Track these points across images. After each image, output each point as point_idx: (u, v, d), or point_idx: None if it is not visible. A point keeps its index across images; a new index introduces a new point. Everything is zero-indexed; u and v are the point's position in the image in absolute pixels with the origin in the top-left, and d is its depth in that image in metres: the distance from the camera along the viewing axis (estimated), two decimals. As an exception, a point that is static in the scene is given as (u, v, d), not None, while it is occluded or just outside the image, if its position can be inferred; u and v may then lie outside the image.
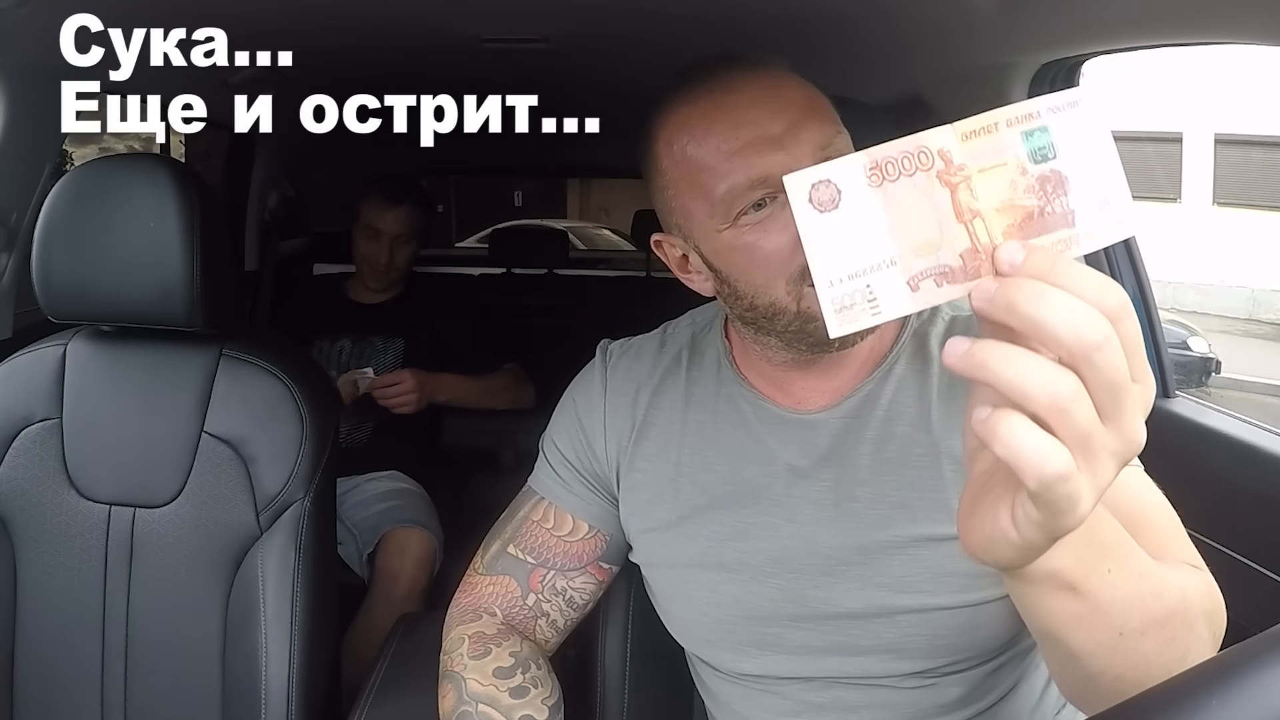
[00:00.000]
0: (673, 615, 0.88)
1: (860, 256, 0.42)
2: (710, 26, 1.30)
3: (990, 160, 0.42)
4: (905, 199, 0.42)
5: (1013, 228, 0.42)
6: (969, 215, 0.42)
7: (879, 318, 0.42)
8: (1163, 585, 0.57)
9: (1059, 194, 0.43)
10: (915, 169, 0.42)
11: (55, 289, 1.11)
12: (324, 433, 1.16)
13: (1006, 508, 0.44)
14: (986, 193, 0.42)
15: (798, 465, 0.81)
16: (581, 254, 4.95)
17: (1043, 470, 0.39)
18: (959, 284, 0.42)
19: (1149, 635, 0.55)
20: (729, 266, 0.76)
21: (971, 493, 0.47)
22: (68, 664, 1.14)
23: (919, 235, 0.42)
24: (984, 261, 0.42)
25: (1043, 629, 0.54)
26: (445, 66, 1.45)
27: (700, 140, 0.73)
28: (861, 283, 0.42)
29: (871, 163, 0.42)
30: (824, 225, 0.42)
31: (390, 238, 2.00)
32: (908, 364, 0.81)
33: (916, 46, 1.37)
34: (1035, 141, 0.43)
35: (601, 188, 12.62)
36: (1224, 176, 10.66)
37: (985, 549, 0.46)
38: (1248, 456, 1.13)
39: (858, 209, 0.42)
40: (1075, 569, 0.50)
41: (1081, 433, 0.40)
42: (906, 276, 0.42)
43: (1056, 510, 0.41)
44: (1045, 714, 0.85)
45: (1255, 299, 10.26)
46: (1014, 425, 0.39)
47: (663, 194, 0.79)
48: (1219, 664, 0.42)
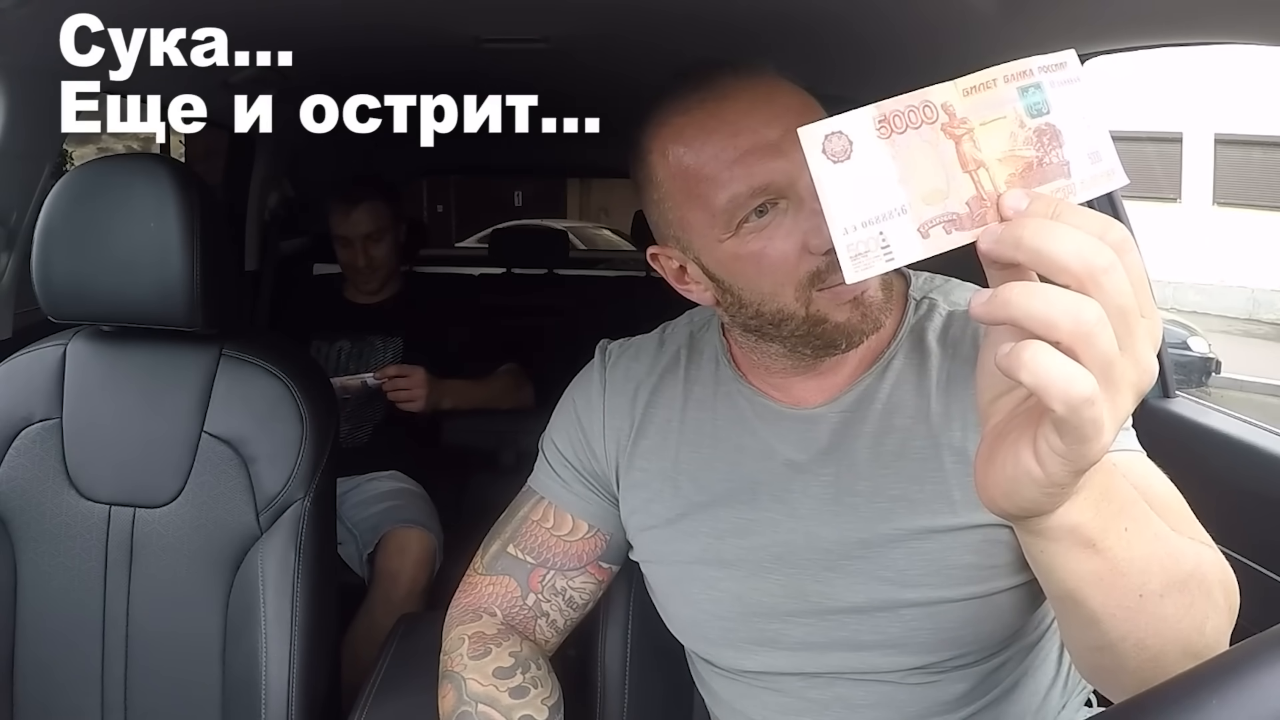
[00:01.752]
0: (673, 613, 0.88)
1: (873, 204, 0.43)
2: (709, 26, 1.30)
3: (990, 114, 0.44)
4: (913, 150, 0.43)
5: (1014, 177, 0.44)
6: (973, 165, 0.44)
7: (892, 263, 0.43)
8: (1178, 549, 0.57)
9: (1055, 146, 0.45)
10: (921, 122, 0.44)
11: (55, 289, 1.11)
12: (324, 433, 1.16)
13: (1028, 444, 0.45)
14: (988, 144, 0.44)
15: (797, 460, 0.81)
16: (581, 254, 4.96)
17: (1069, 392, 0.40)
18: (966, 230, 0.44)
19: (1168, 598, 0.55)
20: (732, 276, 0.75)
21: (987, 444, 0.47)
22: (68, 664, 1.14)
23: (927, 184, 0.43)
24: (989, 209, 0.44)
25: (1064, 590, 0.54)
26: (445, 66, 1.45)
27: (697, 150, 0.73)
28: (875, 229, 0.43)
29: (880, 115, 0.44)
30: (837, 175, 0.43)
31: (359, 239, 2.00)
32: (905, 359, 0.81)
33: (916, 46, 1.37)
34: (1030, 98, 0.45)
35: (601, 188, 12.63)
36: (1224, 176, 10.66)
37: (1007, 493, 0.46)
38: (1248, 456, 1.13)
39: (869, 159, 0.43)
40: (1093, 524, 0.50)
41: (1104, 358, 0.41)
42: (917, 224, 0.43)
43: (1082, 436, 0.42)
44: (1049, 712, 0.85)
45: (1255, 299, 10.26)
46: (1039, 351, 0.40)
47: (658, 206, 0.78)
48: (1219, 664, 0.42)
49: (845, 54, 1.42)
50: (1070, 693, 0.88)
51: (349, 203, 2.00)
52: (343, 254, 2.03)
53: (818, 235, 0.70)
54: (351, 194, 2.02)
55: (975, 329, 0.80)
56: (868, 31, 1.39)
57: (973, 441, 0.76)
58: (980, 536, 0.75)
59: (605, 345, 0.95)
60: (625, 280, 3.29)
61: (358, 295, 2.08)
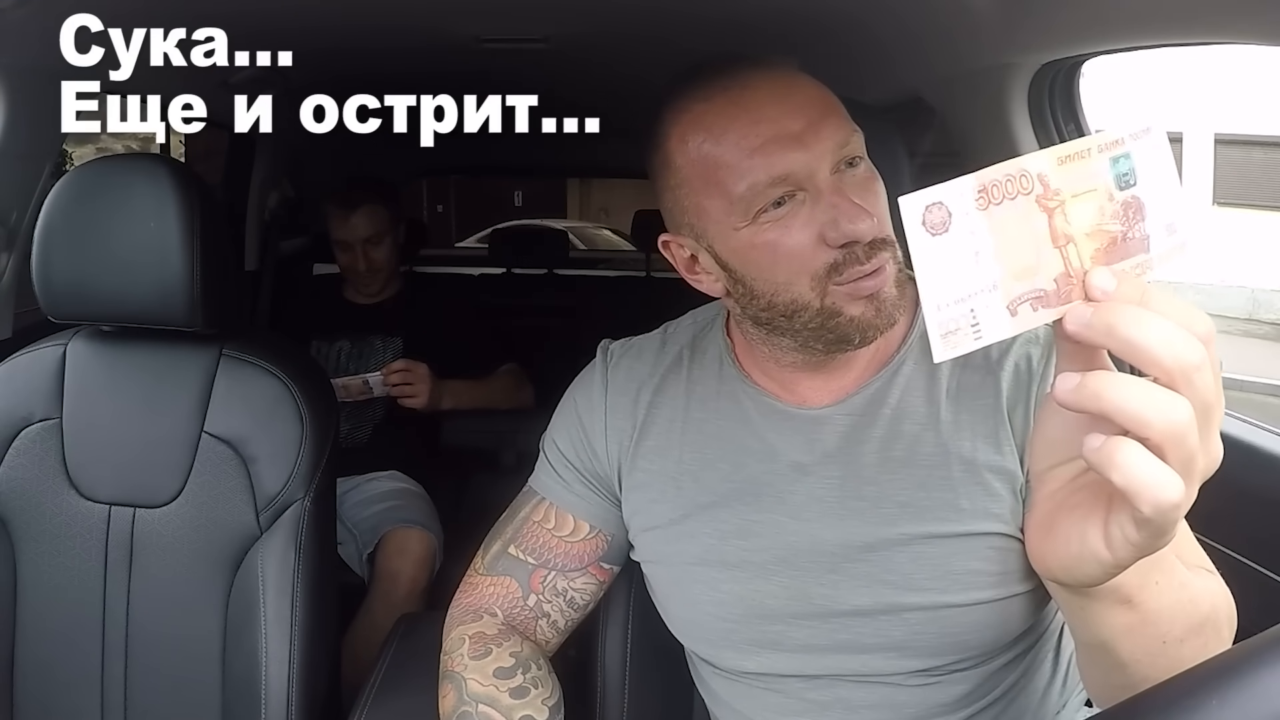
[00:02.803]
0: (674, 614, 0.88)
1: (967, 281, 0.42)
2: (709, 26, 1.30)
3: (1083, 186, 0.43)
4: (1008, 223, 0.42)
5: (1099, 253, 0.43)
6: (1063, 240, 0.43)
7: (980, 342, 0.42)
8: (1198, 593, 0.59)
9: (1138, 219, 0.44)
10: (1017, 193, 0.43)
11: (55, 289, 1.11)
12: (324, 433, 1.16)
13: (1097, 528, 0.44)
14: (1078, 218, 0.43)
15: (802, 461, 0.81)
16: (581, 254, 4.96)
17: (1159, 498, 0.40)
18: (1052, 308, 0.43)
19: (1187, 642, 0.57)
20: (747, 265, 0.75)
21: (1044, 513, 0.47)
22: (68, 664, 1.14)
23: (1020, 260, 0.42)
24: (1075, 286, 0.43)
25: (1097, 641, 0.56)
26: (445, 66, 1.45)
27: (718, 138, 0.73)
28: (966, 307, 0.42)
29: (980, 185, 0.42)
30: (935, 248, 0.42)
31: (359, 243, 1.99)
32: (916, 364, 0.81)
33: (916, 46, 1.37)
34: (1120, 167, 0.44)
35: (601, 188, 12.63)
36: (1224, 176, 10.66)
37: (1067, 569, 0.47)
38: (1248, 456, 1.12)
39: (966, 233, 0.42)
40: (1133, 582, 0.52)
41: (1189, 457, 0.41)
42: (1006, 300, 0.42)
43: (1160, 534, 0.42)
44: (1048, 712, 0.85)
45: (1255, 299, 10.25)
46: (1132, 453, 0.40)
47: (673, 193, 0.78)
48: (1219, 664, 0.42)
49: (845, 54, 1.41)
50: (1070, 693, 0.88)
51: (347, 207, 1.99)
52: (342, 258, 2.03)
53: (834, 228, 0.70)
54: (349, 198, 2.00)
55: None
56: (868, 31, 1.39)
57: (982, 452, 0.76)
58: (986, 544, 0.75)
59: (607, 345, 0.95)
60: (625, 280, 3.29)
61: (358, 295, 2.08)
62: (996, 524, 0.75)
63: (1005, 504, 0.75)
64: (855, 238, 0.71)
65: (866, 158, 0.75)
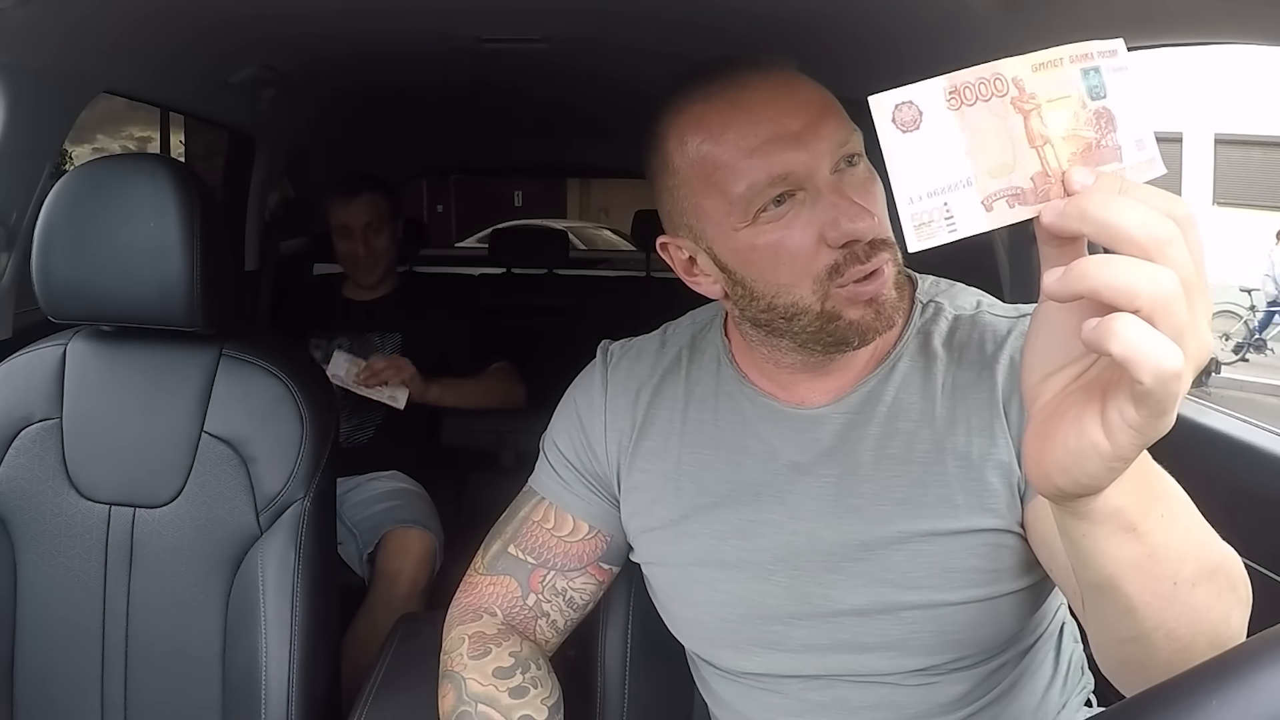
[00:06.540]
0: (675, 614, 0.88)
1: (939, 175, 0.43)
2: (709, 27, 1.30)
3: (1056, 92, 0.44)
4: (981, 122, 0.43)
5: (1075, 156, 0.44)
6: (1040, 141, 0.44)
7: (955, 234, 0.43)
8: (1209, 538, 0.58)
9: (1110, 129, 0.45)
10: (991, 94, 0.44)
11: (55, 289, 1.11)
12: (324, 433, 1.16)
13: (1094, 419, 0.44)
14: (1054, 121, 0.44)
15: (799, 461, 0.81)
16: (581, 254, 4.96)
17: (1160, 365, 0.40)
18: (1029, 205, 0.44)
19: (1199, 587, 0.55)
20: (746, 266, 0.75)
21: (1040, 422, 0.47)
22: (68, 664, 1.14)
23: (994, 157, 0.43)
24: (1053, 185, 0.44)
25: (1102, 577, 0.54)
26: (445, 66, 1.45)
27: (717, 138, 0.73)
28: (939, 200, 0.43)
29: (951, 86, 0.43)
30: (905, 144, 0.43)
31: (360, 229, 2.01)
32: (911, 361, 0.81)
33: (916, 47, 1.37)
34: (1091, 80, 0.45)
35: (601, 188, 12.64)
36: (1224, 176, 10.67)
37: (1066, 469, 0.46)
38: (1248, 456, 1.12)
39: (938, 130, 0.43)
40: (1135, 507, 0.50)
41: (1179, 329, 0.41)
42: (981, 196, 0.43)
43: (1162, 409, 0.42)
44: (1047, 712, 0.85)
45: (1255, 299, 10.26)
46: (1129, 323, 0.40)
47: (672, 193, 0.78)
48: (1219, 664, 0.42)
49: (845, 54, 1.41)
50: (1070, 692, 0.88)
51: (349, 193, 2.02)
52: (343, 245, 2.04)
53: (835, 227, 0.70)
54: (350, 186, 2.04)
55: (981, 334, 0.80)
56: (867, 32, 1.39)
57: (977, 445, 0.76)
58: (982, 540, 0.75)
59: (607, 346, 0.95)
60: (625, 280, 3.29)
61: (357, 292, 2.09)
62: (992, 519, 0.75)
63: (1001, 499, 0.75)
64: (856, 236, 0.71)
65: (866, 157, 0.75)
